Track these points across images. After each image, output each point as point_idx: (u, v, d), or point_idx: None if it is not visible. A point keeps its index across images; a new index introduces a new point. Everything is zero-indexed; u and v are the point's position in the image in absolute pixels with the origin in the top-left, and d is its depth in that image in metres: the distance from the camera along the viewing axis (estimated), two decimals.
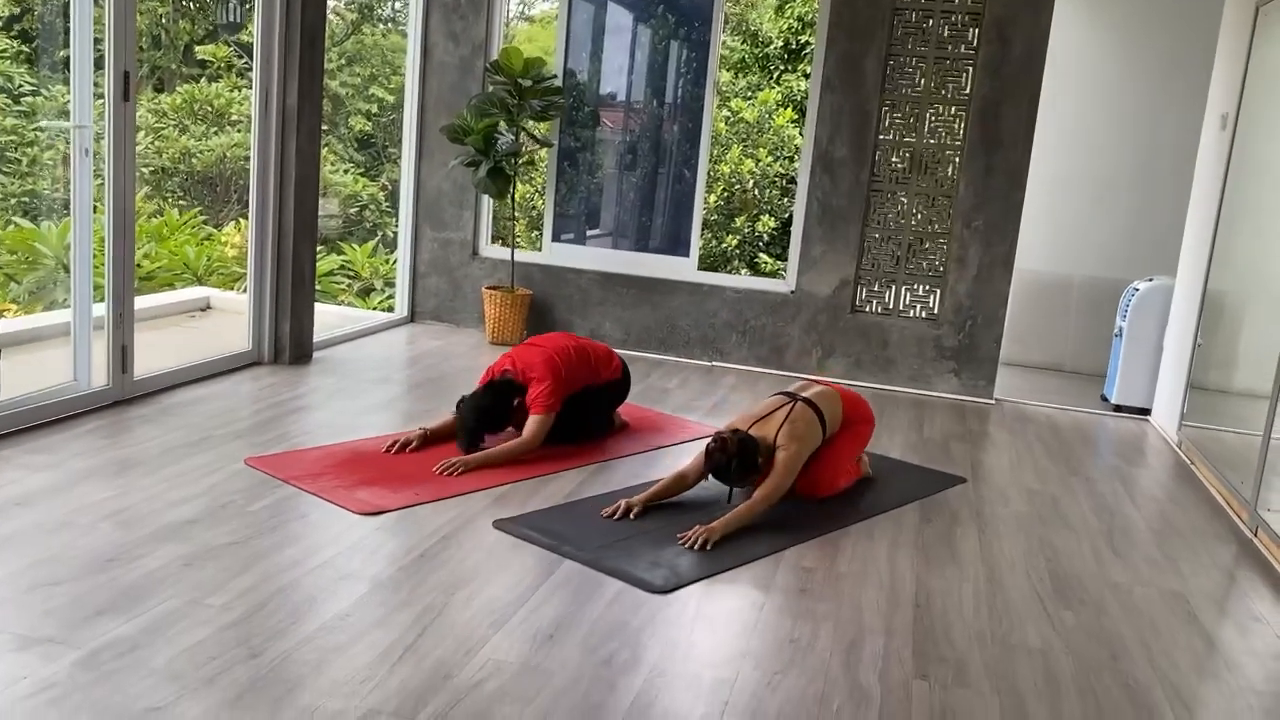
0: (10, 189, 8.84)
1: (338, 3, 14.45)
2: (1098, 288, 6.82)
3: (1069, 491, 4.33)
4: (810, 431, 3.79)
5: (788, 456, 3.67)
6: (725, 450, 3.61)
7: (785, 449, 3.68)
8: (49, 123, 9.17)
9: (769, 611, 2.95)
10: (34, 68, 10.42)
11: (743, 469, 3.62)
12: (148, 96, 11.97)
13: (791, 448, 3.68)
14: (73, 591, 2.68)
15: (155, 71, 13.50)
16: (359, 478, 3.68)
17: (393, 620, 2.69)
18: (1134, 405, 5.88)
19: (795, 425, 3.75)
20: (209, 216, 10.18)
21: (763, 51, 11.94)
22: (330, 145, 12.88)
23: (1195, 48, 6.11)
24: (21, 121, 9.54)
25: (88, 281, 4.18)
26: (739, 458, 3.60)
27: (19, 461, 3.55)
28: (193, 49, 13.58)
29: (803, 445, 3.74)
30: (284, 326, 5.15)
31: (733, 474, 3.62)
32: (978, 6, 5.59)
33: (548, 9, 16.26)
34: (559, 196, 6.43)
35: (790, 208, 9.13)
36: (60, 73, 9.54)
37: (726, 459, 3.60)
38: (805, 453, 3.76)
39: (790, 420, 3.76)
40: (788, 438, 3.70)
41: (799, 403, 3.84)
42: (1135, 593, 3.32)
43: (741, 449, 3.61)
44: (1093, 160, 6.84)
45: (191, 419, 4.21)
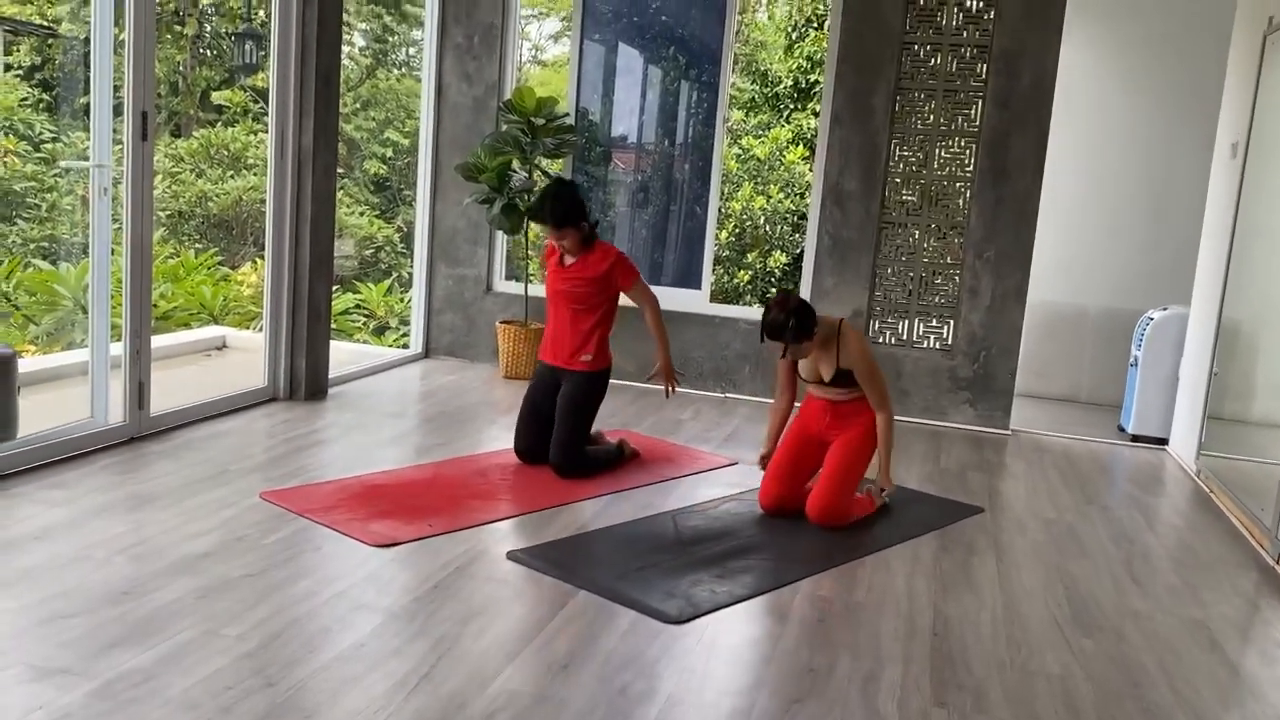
0: (30, 234, 8.95)
1: (352, 47, 14.68)
2: (1112, 317, 6.81)
3: (1086, 520, 4.30)
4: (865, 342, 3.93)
5: (861, 350, 3.84)
6: (785, 306, 3.69)
7: (852, 340, 3.84)
8: (68, 162, 9.31)
9: (786, 641, 2.93)
10: (54, 115, 10.59)
11: (799, 330, 3.68)
12: (165, 142, 12.15)
13: (857, 341, 3.86)
14: (88, 624, 2.69)
15: (173, 117, 13.71)
16: (373, 510, 3.69)
17: (407, 650, 2.68)
18: (1151, 435, 5.84)
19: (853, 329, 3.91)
20: (225, 258, 10.28)
21: (772, 91, 12.05)
22: (345, 188, 13.03)
23: (1204, 76, 6.14)
24: (41, 168, 9.68)
25: (105, 320, 4.22)
26: (797, 316, 3.67)
27: (36, 497, 3.57)
28: (209, 95, 13.80)
29: (866, 350, 3.88)
30: (300, 362, 5.18)
31: (789, 333, 3.68)
32: (985, 40, 5.63)
33: (559, 53, 16.47)
34: None
35: (802, 244, 9.16)
36: (80, 120, 9.70)
37: (785, 315, 3.67)
38: (872, 357, 3.90)
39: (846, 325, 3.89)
40: (849, 328, 3.87)
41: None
42: (1156, 620, 3.29)
43: (801, 309, 3.70)
44: (1104, 190, 6.85)
45: (207, 454, 4.23)
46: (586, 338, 4.36)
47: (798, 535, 3.81)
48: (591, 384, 4.40)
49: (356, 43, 14.82)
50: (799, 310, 3.71)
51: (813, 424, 4.06)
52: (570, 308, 4.37)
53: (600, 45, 6.49)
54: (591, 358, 4.37)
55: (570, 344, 4.38)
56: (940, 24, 5.68)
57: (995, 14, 5.59)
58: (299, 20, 4.96)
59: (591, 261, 4.34)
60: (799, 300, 3.74)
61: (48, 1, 12.76)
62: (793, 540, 3.76)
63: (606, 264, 4.33)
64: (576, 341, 4.36)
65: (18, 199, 9.32)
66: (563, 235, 4.27)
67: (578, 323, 4.37)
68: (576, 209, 4.26)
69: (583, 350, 4.36)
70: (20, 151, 9.68)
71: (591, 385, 4.40)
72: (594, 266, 4.33)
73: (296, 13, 4.95)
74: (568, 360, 4.39)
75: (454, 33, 6.36)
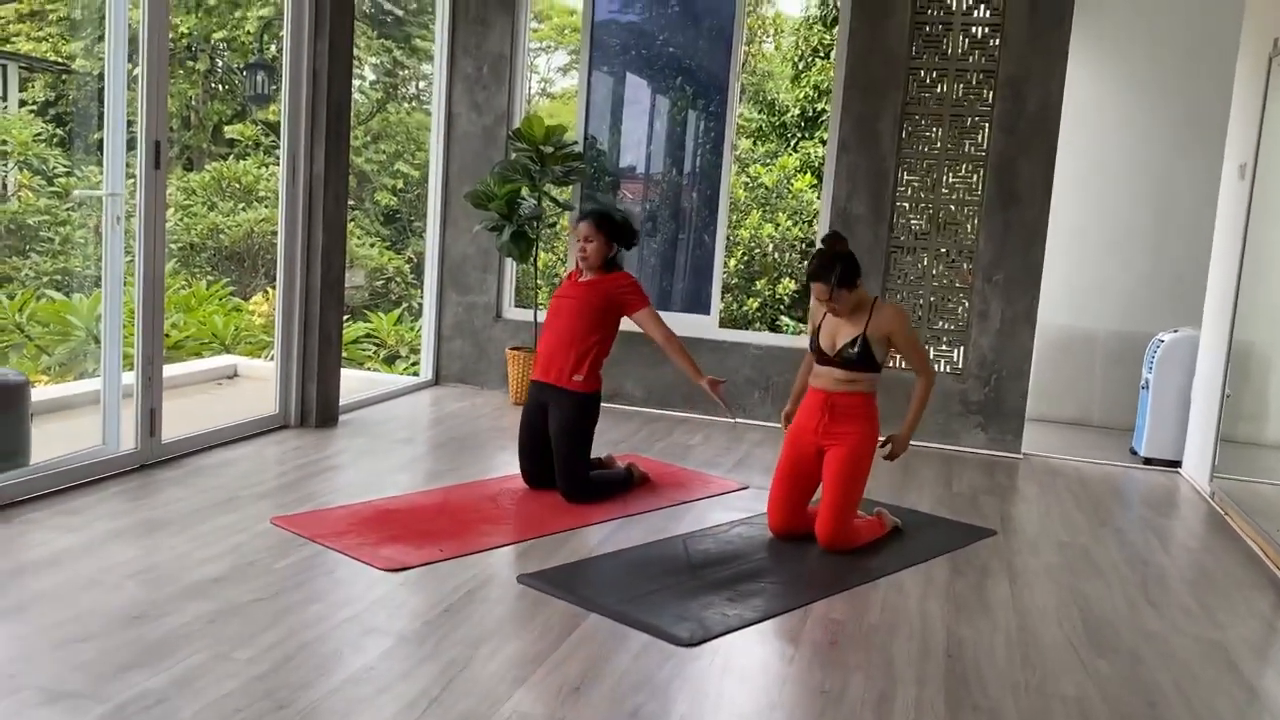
0: (43, 266, 9.02)
1: (363, 81, 14.83)
2: (1123, 340, 6.80)
3: (1100, 543, 4.27)
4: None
5: (899, 316, 3.86)
6: (833, 248, 3.79)
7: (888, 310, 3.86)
8: (82, 191, 9.40)
9: (798, 663, 2.91)
10: (68, 150, 10.70)
11: (844, 276, 3.74)
12: (177, 175, 12.26)
13: (894, 310, 3.88)
14: (100, 647, 2.68)
15: (185, 151, 13.85)
16: (383, 535, 3.68)
17: (418, 673, 2.67)
18: (1164, 458, 5.81)
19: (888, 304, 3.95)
20: (236, 289, 10.34)
21: (779, 120, 12.12)
22: (356, 219, 13.12)
23: (1211, 98, 6.16)
24: (55, 202, 9.77)
25: (118, 347, 4.25)
26: (844, 262, 3.75)
27: (48, 523, 3.58)
28: (222, 129, 13.94)
29: (905, 319, 3.90)
30: (310, 390, 5.20)
31: (834, 275, 3.73)
32: (991, 65, 5.66)
33: (568, 86, 16.61)
34: None
35: None
36: (93, 154, 9.81)
37: (831, 259, 3.75)
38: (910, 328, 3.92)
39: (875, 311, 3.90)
40: (887, 305, 3.90)
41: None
42: (1172, 641, 3.26)
43: (849, 257, 3.79)
44: (1113, 213, 6.86)
45: (218, 480, 4.24)
46: (581, 357, 4.30)
47: (809, 559, 3.79)
48: (581, 408, 4.32)
49: (367, 76, 14.99)
50: (847, 257, 3.78)
51: (808, 428, 3.93)
52: (571, 320, 4.33)
53: (608, 76, 6.54)
54: (583, 379, 4.30)
55: (564, 359, 4.31)
56: (946, 50, 5.72)
57: (1001, 40, 5.62)
58: (310, 52, 5.02)
59: (606, 280, 4.37)
60: (848, 249, 3.83)
61: (62, 38, 12.95)
62: (804, 564, 3.74)
63: (619, 285, 4.36)
64: (571, 359, 4.30)
65: (31, 233, 9.41)
66: (589, 238, 4.37)
67: (575, 339, 4.31)
68: (619, 230, 4.44)
69: (576, 370, 4.30)
70: (34, 186, 9.77)
71: (581, 409, 4.32)
72: (608, 283, 4.36)
73: (308, 44, 5.01)
74: (558, 376, 4.31)
75: (464, 63, 6.42)
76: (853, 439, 3.88)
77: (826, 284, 3.75)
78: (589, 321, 4.33)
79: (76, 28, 12.67)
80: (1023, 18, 5.58)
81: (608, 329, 4.38)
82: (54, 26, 13.07)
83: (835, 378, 3.91)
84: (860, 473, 3.89)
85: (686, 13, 6.42)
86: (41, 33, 13.15)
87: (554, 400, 4.33)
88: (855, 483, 3.88)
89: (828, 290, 3.75)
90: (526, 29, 6.48)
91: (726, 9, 6.18)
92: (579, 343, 4.31)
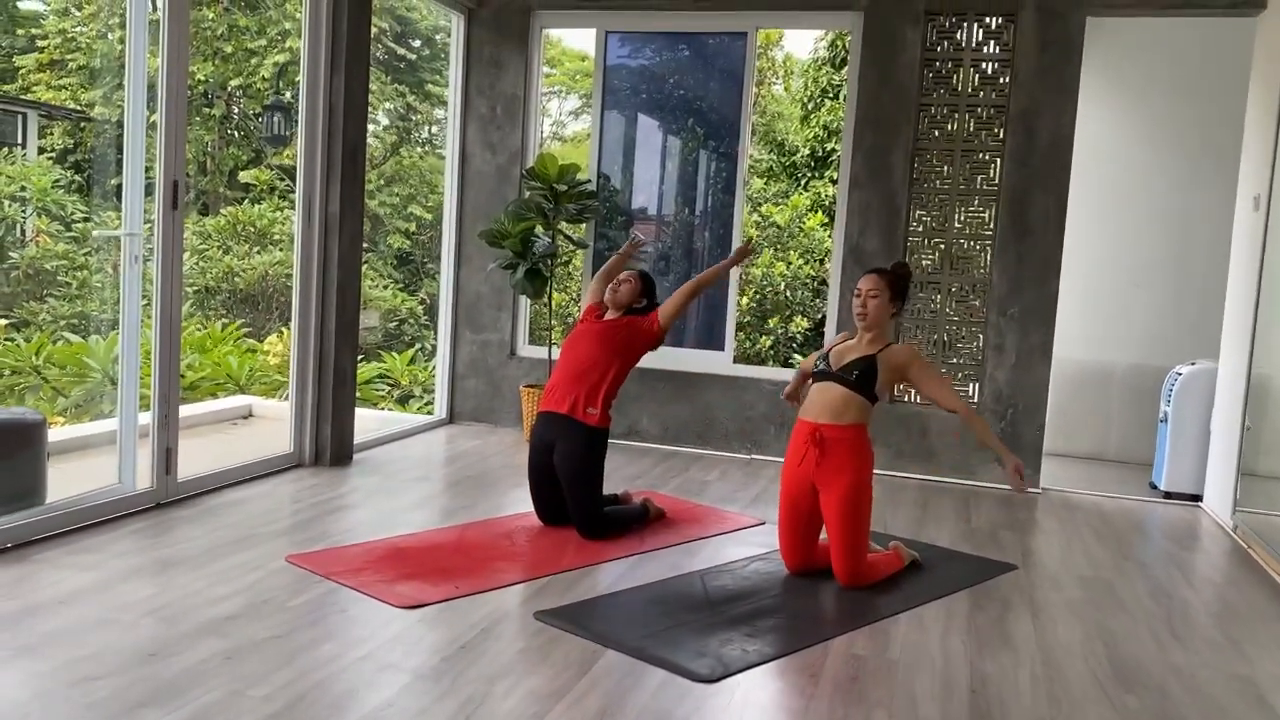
0: (60, 310, 9.09)
1: (376, 125, 15.00)
2: (1140, 374, 6.75)
3: (1123, 576, 4.22)
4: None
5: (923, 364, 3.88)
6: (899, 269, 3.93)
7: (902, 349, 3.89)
8: (100, 232, 9.48)
9: (819, 699, 2.87)
10: (85, 196, 10.81)
11: (896, 285, 3.88)
12: (193, 220, 12.37)
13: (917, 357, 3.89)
14: (114, 685, 2.66)
15: (201, 196, 13.99)
16: (399, 573, 3.66)
17: (435, 710, 2.64)
18: (1184, 492, 5.75)
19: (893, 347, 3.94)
20: (251, 330, 10.39)
21: (790, 160, 12.19)
22: (370, 262, 13.21)
23: (1224, 129, 6.16)
24: (72, 247, 9.87)
25: (134, 386, 4.26)
26: (900, 277, 3.91)
27: (63, 562, 3.57)
28: (237, 173, 14.09)
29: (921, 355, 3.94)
30: (325, 428, 5.20)
31: (889, 277, 3.88)
32: (1002, 100, 5.69)
33: (580, 129, 16.76)
34: None
35: (823, 308, 9.18)
36: (111, 200, 9.91)
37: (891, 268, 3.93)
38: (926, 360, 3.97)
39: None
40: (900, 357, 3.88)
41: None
42: (1199, 676, 3.20)
43: (907, 279, 3.96)
44: (1127, 246, 6.85)
45: (233, 519, 4.22)
46: (594, 390, 4.27)
47: (828, 594, 3.75)
48: (590, 443, 4.27)
49: (380, 121, 15.16)
50: (905, 278, 3.95)
51: (795, 464, 3.85)
52: (591, 348, 4.33)
53: (620, 118, 6.59)
54: (597, 413, 4.27)
55: (576, 391, 4.28)
56: (956, 87, 5.75)
57: (1011, 75, 5.65)
58: (326, 92, 5.07)
59: (631, 317, 4.44)
60: (909, 275, 3.99)
61: (81, 87, 13.14)
62: (823, 599, 3.70)
63: (644, 318, 4.43)
64: (584, 391, 4.27)
65: (49, 277, 9.49)
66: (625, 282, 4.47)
67: (591, 370, 4.29)
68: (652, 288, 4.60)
69: (589, 403, 4.27)
70: (52, 231, 9.87)
71: (589, 444, 4.27)
72: (634, 319, 4.43)
73: (324, 85, 5.07)
74: (570, 408, 4.27)
75: (477, 104, 6.48)
76: (844, 481, 3.75)
77: (881, 277, 3.89)
78: (607, 351, 4.33)
79: (95, 76, 12.87)
80: (1032, 53, 5.61)
81: (622, 365, 4.36)
82: (73, 75, 13.28)
83: (827, 400, 3.80)
84: (860, 513, 3.78)
85: (697, 55, 6.48)
86: (61, 81, 13.35)
87: (562, 434, 4.28)
88: (858, 522, 3.78)
89: (877, 284, 3.86)
90: (539, 70, 6.55)
91: (736, 52, 6.23)
92: (593, 377, 4.29)
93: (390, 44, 14.90)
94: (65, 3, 13.62)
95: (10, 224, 9.98)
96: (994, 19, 5.69)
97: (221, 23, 13.44)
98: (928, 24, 5.76)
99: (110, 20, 12.70)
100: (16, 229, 10.12)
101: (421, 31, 15.40)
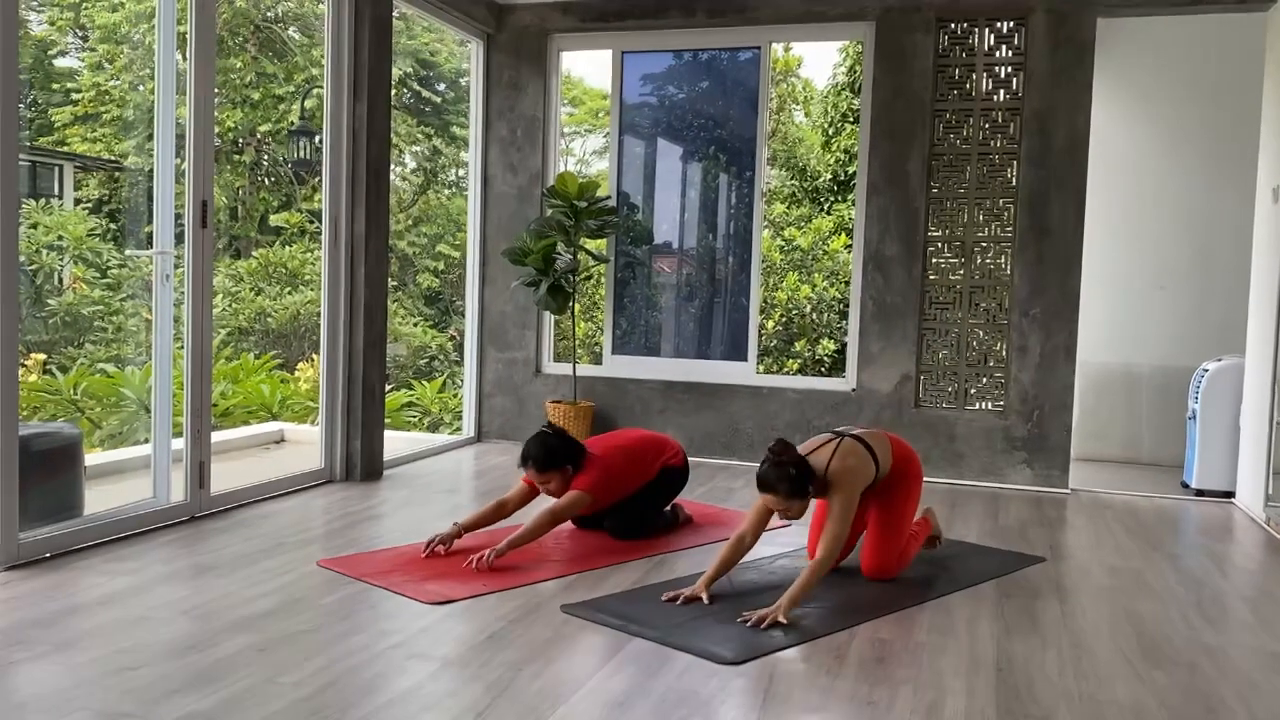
0: (96, 355, 9.28)
1: (404, 167, 15.25)
2: (1167, 374, 6.71)
3: (1153, 566, 4.19)
4: (862, 467, 3.61)
5: (842, 500, 3.51)
6: (784, 454, 3.48)
7: (838, 489, 3.52)
8: (132, 251, 9.67)
9: (845, 678, 2.88)
10: (119, 244, 11.05)
11: (798, 485, 3.47)
12: (225, 263, 12.60)
13: (845, 488, 3.53)
14: (151, 674, 2.72)
15: (233, 241, 14.26)
16: (428, 573, 3.71)
17: (462, 693, 2.68)
18: (1216, 489, 5.69)
19: (846, 459, 3.58)
20: (284, 364, 10.53)
21: (812, 185, 12.26)
22: (400, 300, 13.39)
23: (1242, 127, 6.15)
24: (108, 293, 10.08)
25: (168, 401, 4.36)
26: (797, 470, 3.48)
27: (101, 568, 3.65)
28: (268, 218, 14.36)
29: (854, 484, 3.57)
30: (355, 444, 5.27)
31: (787, 485, 3.46)
32: (1016, 102, 5.73)
33: (603, 168, 16.93)
34: (618, 331, 6.59)
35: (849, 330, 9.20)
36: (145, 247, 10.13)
37: (785, 467, 3.46)
38: (857, 493, 3.58)
39: (840, 454, 3.59)
40: (840, 473, 3.54)
41: (847, 439, 3.70)
42: (1230, 654, 3.17)
43: (801, 464, 3.50)
44: (1148, 245, 6.83)
45: (266, 529, 4.30)
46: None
47: (854, 587, 3.75)
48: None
49: (408, 163, 15.41)
50: (799, 464, 3.50)
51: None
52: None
53: (639, 139, 6.68)
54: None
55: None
56: (970, 91, 5.80)
57: (1024, 77, 5.70)
58: (350, 115, 5.20)
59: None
60: (797, 456, 3.53)
61: (115, 138, 13.47)
62: (848, 591, 3.70)
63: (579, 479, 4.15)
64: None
65: (86, 323, 9.69)
66: (547, 479, 4.14)
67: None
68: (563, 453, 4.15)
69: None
70: (88, 279, 10.09)
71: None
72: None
73: (347, 108, 5.20)
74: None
75: (498, 126, 6.60)
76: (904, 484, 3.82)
77: (779, 495, 3.49)
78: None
79: (128, 127, 13.19)
80: (1045, 55, 5.65)
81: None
82: (107, 127, 13.61)
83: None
84: (910, 507, 3.86)
85: (715, 84, 6.57)
86: (95, 134, 13.70)
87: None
88: (904, 517, 3.84)
89: (781, 500, 3.50)
90: (558, 92, 6.67)
91: (751, 75, 6.33)
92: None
93: (415, 87, 15.18)
94: (99, 57, 13.99)
95: (48, 272, 10.22)
96: (1005, 23, 5.75)
97: (249, 70, 13.76)
98: (939, 31, 5.82)
99: (142, 72, 13.03)
100: (54, 277, 10.37)
101: (445, 74, 15.68)
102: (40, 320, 9.69)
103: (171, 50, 4.32)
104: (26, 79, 13.61)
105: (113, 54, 13.76)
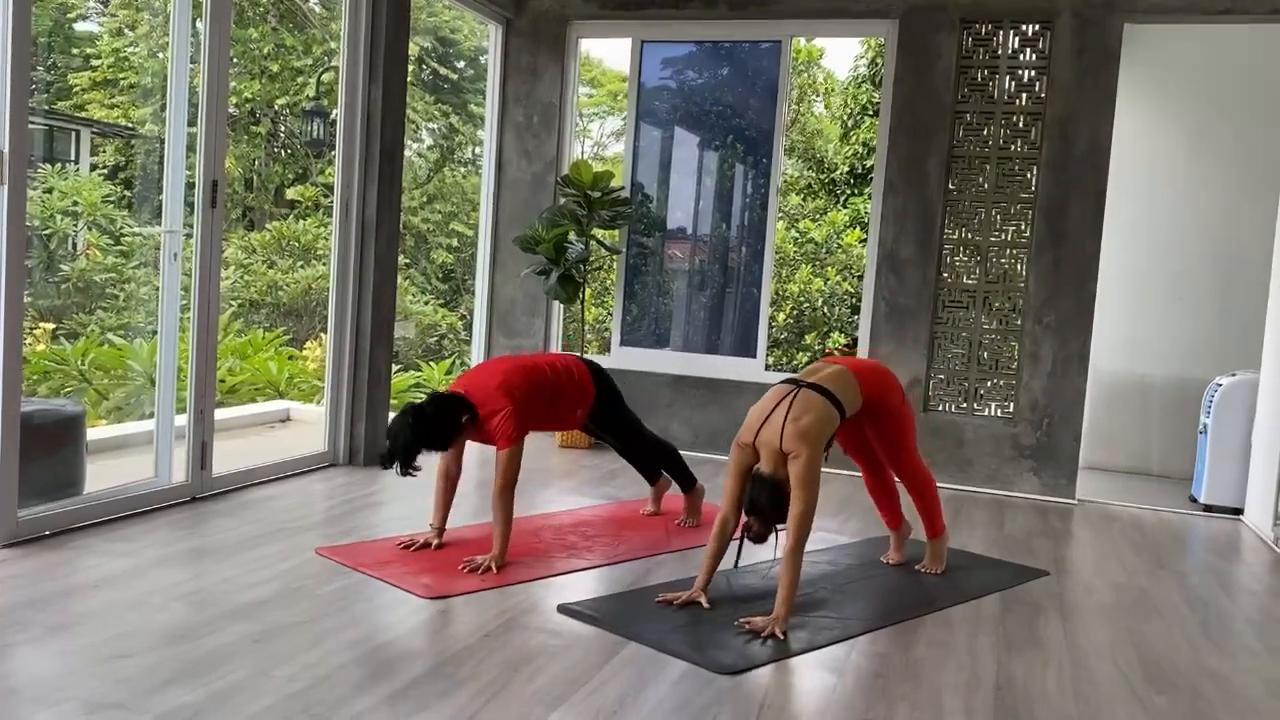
0: (107, 322, 9.27)
1: (421, 143, 15.19)
2: (1180, 386, 6.65)
3: (1159, 584, 4.14)
4: (821, 418, 3.38)
5: (801, 466, 3.26)
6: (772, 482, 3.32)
7: (795, 456, 3.28)
8: (140, 229, 9.67)
9: (842, 691, 2.85)
10: (134, 211, 11.04)
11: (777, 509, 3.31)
12: (238, 235, 12.59)
13: (802, 453, 3.28)
14: (143, 663, 2.71)
15: (247, 213, 14.24)
16: (426, 565, 3.69)
17: (456, 693, 2.65)
18: (1225, 505, 5.64)
19: (799, 422, 3.32)
20: (293, 340, 10.53)
21: (829, 177, 12.18)
22: (412, 277, 13.37)
23: (1268, 139, 6.07)
24: (120, 260, 10.07)
25: (172, 385, 4.34)
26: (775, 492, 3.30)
27: (99, 549, 3.63)
28: (283, 190, 14.33)
29: (815, 443, 3.32)
30: (359, 428, 5.25)
31: (770, 510, 3.31)
32: (1038, 107, 5.65)
33: (620, 151, 16.85)
34: (628, 318, 6.55)
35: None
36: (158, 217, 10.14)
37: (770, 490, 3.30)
38: (819, 450, 3.34)
39: (792, 418, 3.34)
40: (794, 440, 3.29)
41: (801, 390, 3.47)
42: (1234, 680, 3.14)
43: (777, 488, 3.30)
44: (1170, 257, 6.75)
45: (266, 513, 4.28)
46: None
47: (854, 594, 3.73)
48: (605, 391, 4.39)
49: (424, 140, 15.36)
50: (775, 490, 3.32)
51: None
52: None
53: (657, 136, 6.62)
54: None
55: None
56: (992, 94, 5.72)
57: (1048, 82, 5.62)
58: (365, 98, 5.15)
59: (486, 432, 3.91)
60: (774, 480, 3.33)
61: (133, 105, 13.44)
62: (849, 598, 3.68)
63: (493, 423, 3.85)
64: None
65: (98, 290, 9.69)
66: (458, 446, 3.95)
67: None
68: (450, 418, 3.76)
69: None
70: (102, 245, 10.09)
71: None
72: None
73: (362, 91, 5.15)
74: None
75: (514, 111, 6.55)
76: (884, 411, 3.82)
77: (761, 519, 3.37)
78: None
79: (146, 94, 13.16)
80: (1069, 60, 5.58)
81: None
82: (125, 94, 13.58)
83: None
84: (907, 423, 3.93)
85: (736, 72, 6.50)
86: (113, 100, 13.67)
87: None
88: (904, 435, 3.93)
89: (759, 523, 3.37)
90: (576, 78, 6.61)
91: (771, 67, 6.25)
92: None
93: (434, 64, 15.11)
94: (119, 23, 13.95)
95: (62, 237, 10.21)
96: (1030, 26, 5.67)
97: (268, 42, 13.70)
98: (963, 32, 5.74)
99: (161, 39, 12.99)
100: (69, 242, 10.36)
101: (465, 52, 15.60)
102: (53, 285, 9.70)
103: (187, 18, 4.28)
104: (46, 42, 13.59)
105: (133, 20, 13.72)
